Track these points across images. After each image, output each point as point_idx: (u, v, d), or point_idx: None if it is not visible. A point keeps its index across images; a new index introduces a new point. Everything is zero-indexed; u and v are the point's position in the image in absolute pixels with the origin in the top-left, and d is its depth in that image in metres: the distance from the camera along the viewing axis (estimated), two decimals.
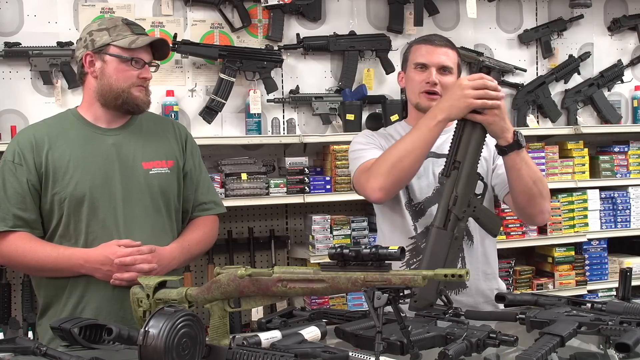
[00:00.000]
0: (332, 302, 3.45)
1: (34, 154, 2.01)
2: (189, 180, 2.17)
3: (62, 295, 2.01)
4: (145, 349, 1.32)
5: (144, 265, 1.93)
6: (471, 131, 1.88)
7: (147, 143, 2.10)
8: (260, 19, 3.66)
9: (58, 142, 2.03)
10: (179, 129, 2.22)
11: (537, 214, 2.05)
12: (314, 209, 3.69)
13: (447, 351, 1.41)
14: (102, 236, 1.99)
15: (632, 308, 1.69)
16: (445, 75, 2.09)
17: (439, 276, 1.32)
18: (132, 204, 2.03)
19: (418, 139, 1.93)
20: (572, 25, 4.16)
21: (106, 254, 1.93)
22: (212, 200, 2.24)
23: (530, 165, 1.97)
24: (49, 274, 2.02)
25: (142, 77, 2.03)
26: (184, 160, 2.16)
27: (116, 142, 2.06)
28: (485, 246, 2.14)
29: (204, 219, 2.21)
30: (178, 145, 2.17)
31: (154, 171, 2.07)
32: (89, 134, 2.07)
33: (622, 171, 3.99)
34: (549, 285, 3.84)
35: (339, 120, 3.68)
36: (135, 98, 2.03)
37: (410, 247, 2.13)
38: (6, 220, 1.98)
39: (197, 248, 2.15)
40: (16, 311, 3.26)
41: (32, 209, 2.00)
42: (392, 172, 1.95)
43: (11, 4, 3.31)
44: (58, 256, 1.96)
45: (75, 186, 1.99)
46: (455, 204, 1.84)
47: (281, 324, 1.77)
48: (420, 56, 2.12)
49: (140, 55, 2.02)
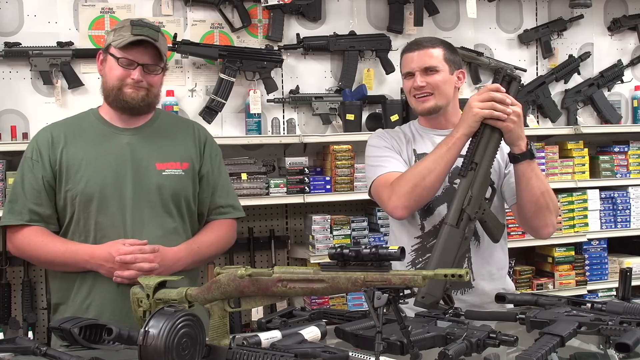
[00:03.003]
0: (332, 302, 3.46)
1: (50, 151, 2.06)
2: (205, 183, 2.17)
3: (72, 290, 2.05)
4: (145, 349, 1.32)
5: (144, 264, 1.94)
6: (490, 135, 1.94)
7: (163, 144, 2.12)
8: (260, 19, 3.66)
9: (74, 140, 2.08)
10: (199, 132, 2.22)
11: (543, 226, 2.07)
12: (314, 209, 3.69)
13: (447, 351, 1.41)
14: (110, 234, 2.01)
15: (632, 308, 1.69)
16: (431, 75, 2.12)
17: (438, 276, 1.32)
18: (141, 204, 2.04)
19: (439, 158, 1.99)
20: (572, 25, 4.16)
21: (110, 251, 1.96)
22: (230, 204, 2.23)
23: (539, 177, 2.02)
24: (58, 268, 2.07)
25: (132, 77, 2.03)
26: (200, 163, 2.16)
27: (131, 142, 2.08)
28: (492, 247, 2.14)
29: (220, 222, 2.20)
30: (196, 148, 2.17)
31: (167, 172, 2.08)
32: (106, 133, 2.10)
33: (622, 171, 4.00)
34: (549, 285, 3.84)
35: (339, 120, 3.68)
36: (124, 94, 2.04)
37: (416, 246, 2.14)
38: (22, 215, 2.04)
39: (208, 251, 2.14)
40: (16, 311, 3.27)
41: (47, 204, 2.05)
42: (415, 191, 2.00)
43: (11, 4, 3.31)
44: (66, 251, 2.01)
45: (86, 184, 2.02)
46: (470, 203, 1.88)
47: (281, 324, 1.77)
48: (405, 66, 2.17)
49: (131, 56, 2.02)
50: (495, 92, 1.93)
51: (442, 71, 2.12)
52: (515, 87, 1.99)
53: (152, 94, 2.09)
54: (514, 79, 1.99)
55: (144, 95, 2.06)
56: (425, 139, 2.20)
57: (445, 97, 2.13)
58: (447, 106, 2.15)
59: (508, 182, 2.15)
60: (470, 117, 1.94)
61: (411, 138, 2.22)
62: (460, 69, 2.18)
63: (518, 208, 2.10)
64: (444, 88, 2.12)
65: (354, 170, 3.52)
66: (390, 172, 2.10)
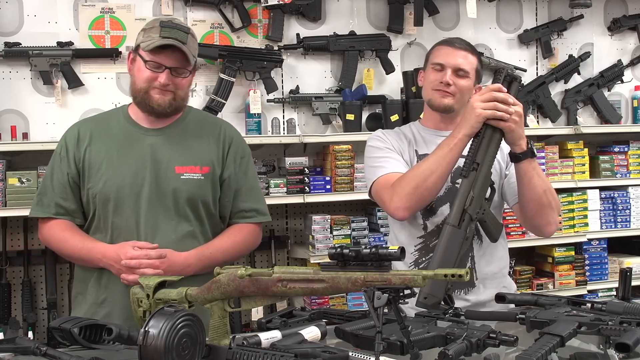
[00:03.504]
0: (332, 302, 3.46)
1: (75, 149, 2.10)
2: (226, 187, 2.14)
3: (89, 282, 2.09)
4: (145, 349, 1.32)
5: (148, 270, 1.93)
6: (491, 135, 1.94)
7: (185, 147, 2.10)
8: (260, 19, 3.66)
9: (99, 139, 2.10)
10: (226, 133, 2.18)
11: (545, 224, 2.07)
12: (314, 209, 3.69)
13: (447, 351, 1.41)
14: (125, 234, 2.03)
15: (632, 308, 1.69)
16: (461, 77, 2.12)
17: (438, 276, 1.32)
18: (156, 207, 2.04)
19: (440, 159, 1.98)
20: (572, 25, 4.16)
21: (118, 253, 1.97)
22: (254, 208, 2.19)
23: (540, 175, 2.02)
24: (77, 262, 2.13)
25: (159, 80, 2.01)
26: (222, 167, 2.14)
27: (154, 143, 2.08)
28: (494, 246, 2.14)
29: (240, 227, 2.17)
30: (219, 151, 2.14)
31: (185, 176, 2.07)
32: (131, 132, 2.10)
33: (622, 171, 4.00)
34: (549, 285, 3.84)
35: (339, 120, 3.68)
36: (151, 99, 2.03)
37: (419, 246, 2.14)
38: (50, 208, 2.09)
39: (223, 257, 2.09)
40: (16, 311, 3.27)
41: (72, 199, 2.09)
42: (417, 192, 1.99)
43: (11, 4, 3.31)
44: (82, 248, 2.05)
45: (105, 184, 2.04)
46: (471, 204, 1.88)
47: (281, 324, 1.77)
48: (438, 56, 2.15)
49: (159, 59, 2.00)
50: (498, 92, 1.93)
51: (470, 79, 2.14)
52: (516, 87, 2.00)
53: (179, 97, 2.07)
54: (515, 79, 2.00)
55: (170, 99, 2.04)
56: (428, 141, 2.19)
57: (462, 103, 2.14)
58: (458, 111, 2.15)
59: (509, 182, 2.15)
60: (473, 118, 1.93)
61: (412, 139, 2.21)
62: (479, 85, 2.19)
63: (520, 207, 2.10)
64: (465, 95, 2.13)
65: (354, 170, 3.52)
66: (391, 173, 2.10)
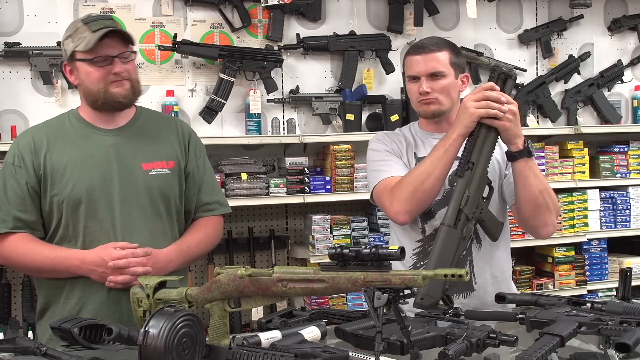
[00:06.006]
0: (332, 302, 3.45)
1: (33, 156, 2.01)
2: (191, 181, 2.15)
3: (61, 296, 2.01)
4: (145, 349, 1.32)
5: (138, 268, 1.92)
6: (486, 135, 1.93)
7: (147, 143, 2.09)
8: (260, 19, 3.66)
9: (57, 144, 2.03)
10: (183, 128, 2.19)
11: (542, 226, 2.05)
12: (314, 209, 3.69)
13: (447, 351, 1.41)
14: (100, 238, 1.98)
15: (632, 308, 1.69)
16: (437, 80, 2.10)
17: (438, 276, 1.32)
18: (130, 206, 2.02)
19: (436, 161, 1.98)
20: (572, 25, 4.16)
21: (101, 256, 1.93)
22: (217, 200, 2.21)
23: (537, 175, 2.00)
24: (47, 275, 2.02)
25: (113, 72, 1.98)
26: (186, 160, 2.14)
27: (116, 142, 2.05)
28: (494, 249, 2.13)
29: (207, 220, 2.18)
30: (180, 145, 2.14)
31: (153, 172, 2.06)
32: (89, 135, 2.06)
33: (622, 171, 3.99)
34: (549, 285, 3.84)
35: (339, 120, 3.68)
36: (113, 95, 2.00)
37: (417, 249, 2.13)
38: (6, 222, 1.99)
39: (197, 250, 2.13)
40: (16, 311, 3.26)
41: (32, 210, 2.00)
42: (415, 195, 1.99)
43: (11, 4, 3.31)
44: (55, 257, 1.96)
45: (73, 188, 1.99)
46: (467, 203, 1.88)
47: (281, 324, 1.77)
48: (410, 69, 2.14)
49: (103, 52, 1.97)
50: (490, 91, 1.92)
51: (448, 76, 2.10)
52: (511, 85, 1.98)
53: (135, 82, 2.04)
54: (509, 77, 1.98)
55: (129, 87, 2.02)
56: (426, 143, 2.18)
57: (449, 101, 2.12)
58: (450, 110, 2.13)
59: (508, 182, 2.14)
60: (466, 118, 1.93)
61: (412, 142, 2.20)
62: (465, 73, 2.16)
63: (517, 208, 2.08)
64: (449, 93, 2.11)
65: (354, 170, 3.52)
66: (391, 177, 2.10)
